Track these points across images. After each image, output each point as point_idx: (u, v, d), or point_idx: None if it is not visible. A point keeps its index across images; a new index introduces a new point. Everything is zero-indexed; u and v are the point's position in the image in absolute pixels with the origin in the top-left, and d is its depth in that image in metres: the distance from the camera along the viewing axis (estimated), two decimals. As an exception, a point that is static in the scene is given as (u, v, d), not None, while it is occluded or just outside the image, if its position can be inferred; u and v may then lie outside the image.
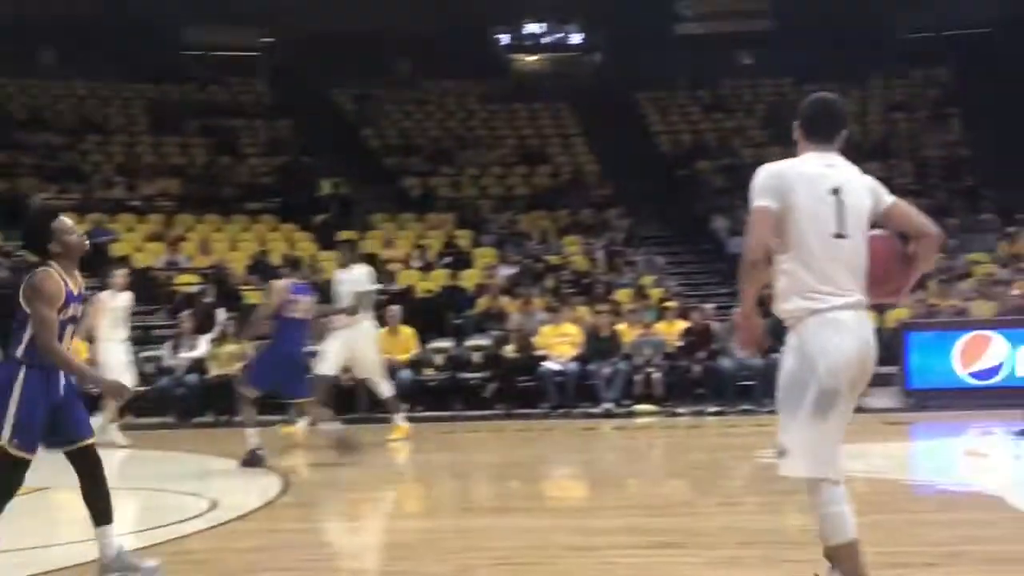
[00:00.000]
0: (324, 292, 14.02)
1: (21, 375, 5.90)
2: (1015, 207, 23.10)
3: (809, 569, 6.27)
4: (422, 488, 11.07)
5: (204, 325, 17.94)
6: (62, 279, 6.02)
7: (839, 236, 4.88)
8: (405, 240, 22.96)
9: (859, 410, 5.12)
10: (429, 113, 29.80)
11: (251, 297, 20.00)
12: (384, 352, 16.90)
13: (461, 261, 21.91)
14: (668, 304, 18.25)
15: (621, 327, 17.41)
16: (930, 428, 14.27)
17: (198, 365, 17.23)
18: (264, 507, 9.29)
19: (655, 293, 20.11)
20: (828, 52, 29.11)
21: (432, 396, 17.22)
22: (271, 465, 11.36)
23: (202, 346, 17.47)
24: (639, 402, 16.59)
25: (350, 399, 16.19)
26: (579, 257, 22.12)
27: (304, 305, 11.78)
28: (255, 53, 31.14)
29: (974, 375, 15.55)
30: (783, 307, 5.02)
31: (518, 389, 16.95)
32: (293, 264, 14.27)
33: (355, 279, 13.55)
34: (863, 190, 5.00)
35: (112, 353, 13.86)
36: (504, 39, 33.04)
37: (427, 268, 21.53)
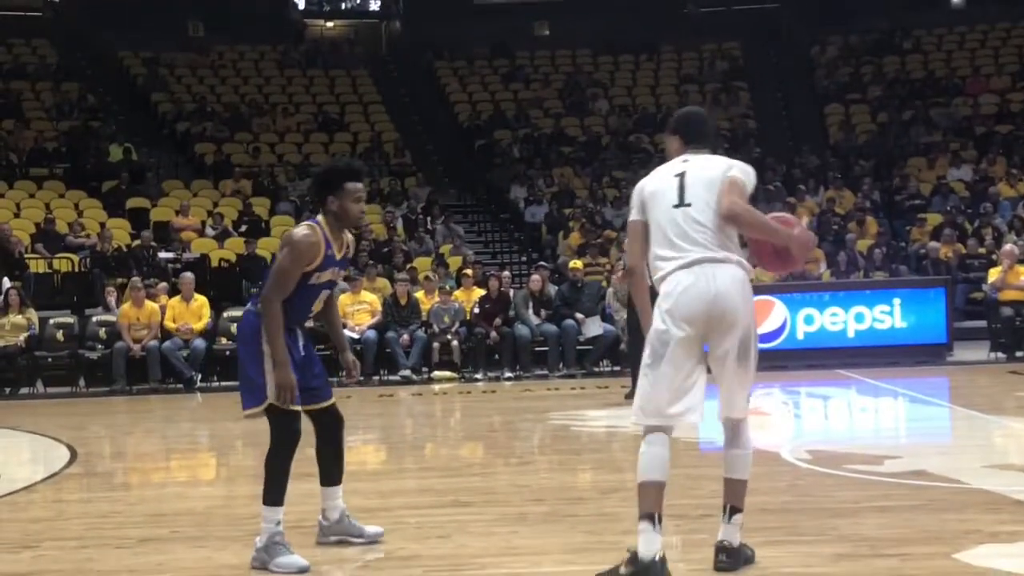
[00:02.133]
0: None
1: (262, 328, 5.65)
2: (798, 177, 24.09)
3: (592, 522, 6.50)
4: (216, 457, 10.96)
5: (-14, 295, 17.27)
6: (325, 240, 5.73)
7: (678, 205, 5.27)
8: (199, 208, 22.50)
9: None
10: (224, 78, 29.20)
11: (36, 266, 19.37)
12: (178, 321, 16.65)
13: (257, 229, 21.62)
14: (466, 272, 18.42)
15: (420, 295, 17.51)
16: (712, 389, 14.77)
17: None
18: (50, 478, 9.08)
19: (454, 261, 20.26)
20: (623, 24, 29.74)
21: (228, 365, 16.98)
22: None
23: (-16, 316, 16.83)
24: (437, 369, 16.73)
25: None
26: (378, 225, 22.09)
27: None
28: (40, 13, 29.92)
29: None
30: (654, 281, 5.37)
31: (316, 357, 16.84)
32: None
33: None
34: (714, 165, 5.36)
35: None
36: (300, 3, 32.60)
37: (222, 236, 21.18)
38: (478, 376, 16.68)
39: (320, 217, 5.81)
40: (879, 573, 5.25)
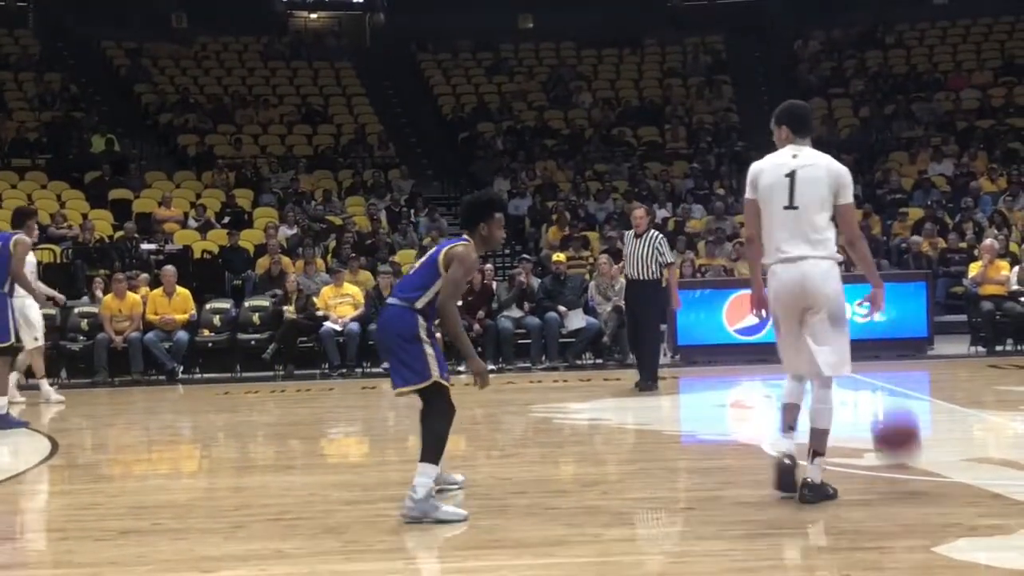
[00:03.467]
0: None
1: (421, 321, 6.62)
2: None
3: (572, 514, 6.51)
4: (198, 449, 10.93)
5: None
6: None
7: (788, 207, 6.50)
8: (182, 199, 22.45)
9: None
10: (207, 69, 29.11)
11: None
12: (159, 313, 16.61)
13: (240, 221, 21.58)
14: (449, 264, 18.39)
15: (402, 287, 17.47)
16: (697, 382, 14.83)
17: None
18: (32, 469, 9.07)
19: (436, 253, 20.22)
20: (607, 17, 29.75)
21: (210, 357, 16.98)
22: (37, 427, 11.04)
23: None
24: (420, 361, 16.68)
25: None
26: (361, 218, 22.07)
27: None
28: (22, 3, 29.78)
29: (739, 332, 16.24)
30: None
31: (299, 350, 16.86)
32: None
33: None
34: (821, 170, 6.56)
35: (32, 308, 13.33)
36: (283, -6, 32.53)
37: (205, 228, 21.14)
38: (460, 368, 16.66)
39: (468, 237, 6.80)
40: (859, 566, 5.28)
